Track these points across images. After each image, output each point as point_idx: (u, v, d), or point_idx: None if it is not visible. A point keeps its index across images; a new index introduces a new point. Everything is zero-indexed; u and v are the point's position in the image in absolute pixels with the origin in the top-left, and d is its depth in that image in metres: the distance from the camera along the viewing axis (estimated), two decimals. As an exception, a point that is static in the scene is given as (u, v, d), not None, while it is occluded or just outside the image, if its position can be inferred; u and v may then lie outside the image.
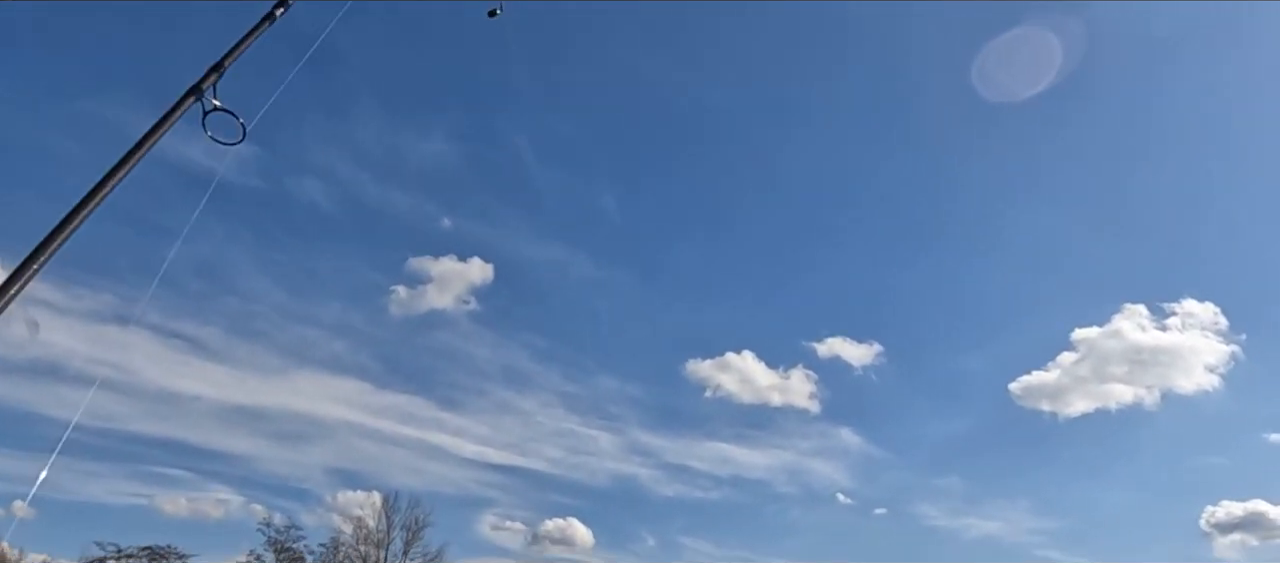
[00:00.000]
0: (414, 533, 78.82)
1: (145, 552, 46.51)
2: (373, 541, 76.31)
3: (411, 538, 78.86)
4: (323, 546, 68.85)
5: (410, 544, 78.68)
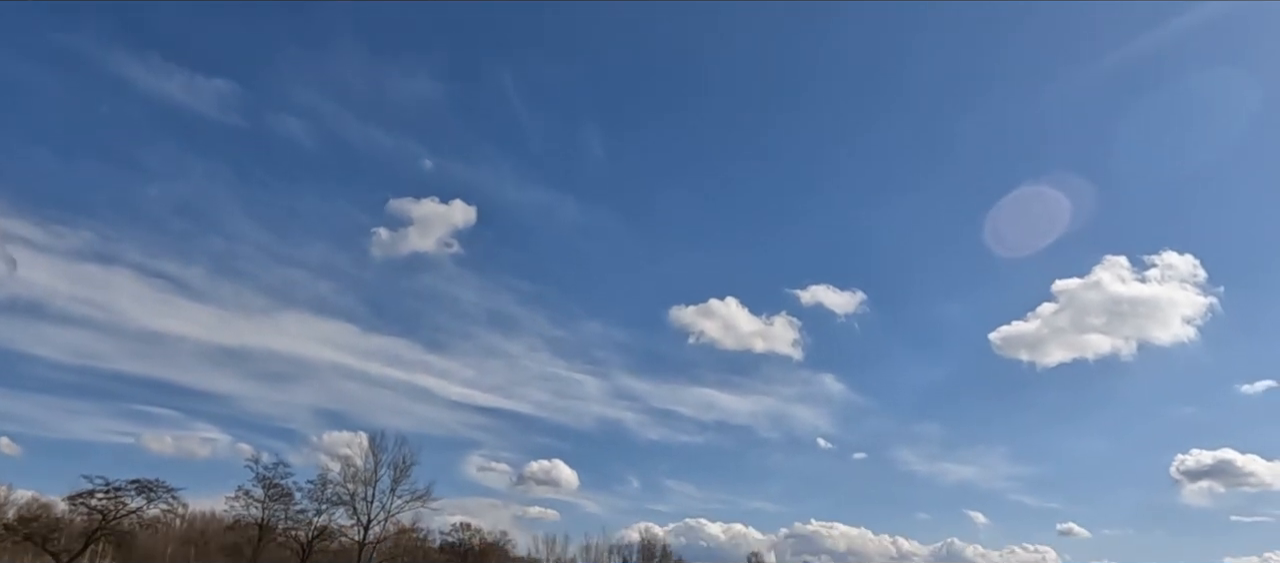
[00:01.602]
0: (402, 471, 79.27)
1: (134, 485, 46.77)
2: (360, 479, 76.73)
3: (399, 476, 79.27)
4: (310, 483, 69.35)
5: (398, 482, 79.14)
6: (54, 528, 47.76)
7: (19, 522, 51.02)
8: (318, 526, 69.11)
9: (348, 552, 75.75)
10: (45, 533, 46.65)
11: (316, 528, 68.84)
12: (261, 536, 62.66)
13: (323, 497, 70.73)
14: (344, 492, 75.28)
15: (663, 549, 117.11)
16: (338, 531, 73.57)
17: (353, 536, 76.29)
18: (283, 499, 64.69)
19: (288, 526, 66.49)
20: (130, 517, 47.07)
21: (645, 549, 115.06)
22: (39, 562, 48.45)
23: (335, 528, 72.81)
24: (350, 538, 76.01)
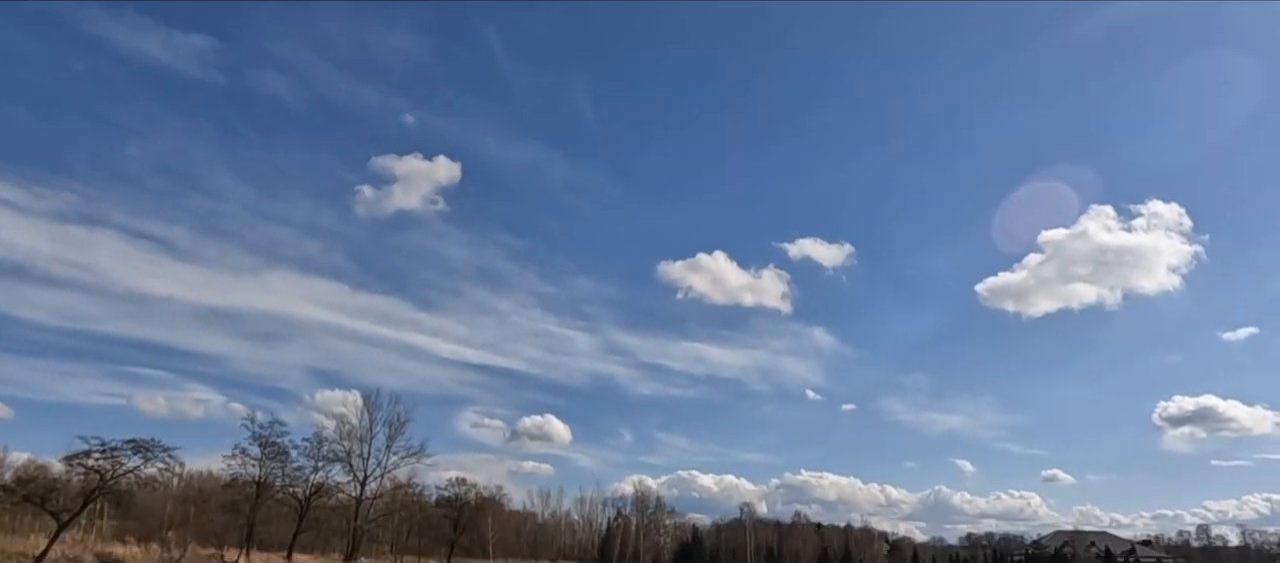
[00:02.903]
0: (396, 429, 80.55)
1: (129, 445, 47.01)
2: (356, 436, 77.80)
3: (394, 434, 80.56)
4: (306, 441, 70.14)
5: (393, 439, 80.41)
6: (52, 488, 48.05)
7: (17, 483, 51.35)
8: (315, 483, 69.87)
9: (345, 508, 76.73)
10: (43, 493, 46.94)
11: (314, 485, 69.59)
12: (259, 493, 63.27)
13: (319, 455, 71.43)
14: (340, 449, 76.10)
15: (656, 501, 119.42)
16: (335, 487, 74.45)
17: (350, 492, 77.30)
18: (279, 458, 65.23)
19: (285, 483, 67.15)
20: (128, 476, 47.34)
21: (639, 501, 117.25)
22: (38, 521, 48.77)
23: (332, 485, 73.69)
24: (347, 494, 76.97)
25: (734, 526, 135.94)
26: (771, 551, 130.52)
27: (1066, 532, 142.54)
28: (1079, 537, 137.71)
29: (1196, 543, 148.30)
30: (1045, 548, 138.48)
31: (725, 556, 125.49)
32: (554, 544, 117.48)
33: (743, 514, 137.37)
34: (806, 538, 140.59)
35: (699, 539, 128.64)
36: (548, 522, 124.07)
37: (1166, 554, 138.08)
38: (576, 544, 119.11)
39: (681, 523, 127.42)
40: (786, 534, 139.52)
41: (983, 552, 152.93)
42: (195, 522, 62.84)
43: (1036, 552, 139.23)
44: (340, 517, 76.60)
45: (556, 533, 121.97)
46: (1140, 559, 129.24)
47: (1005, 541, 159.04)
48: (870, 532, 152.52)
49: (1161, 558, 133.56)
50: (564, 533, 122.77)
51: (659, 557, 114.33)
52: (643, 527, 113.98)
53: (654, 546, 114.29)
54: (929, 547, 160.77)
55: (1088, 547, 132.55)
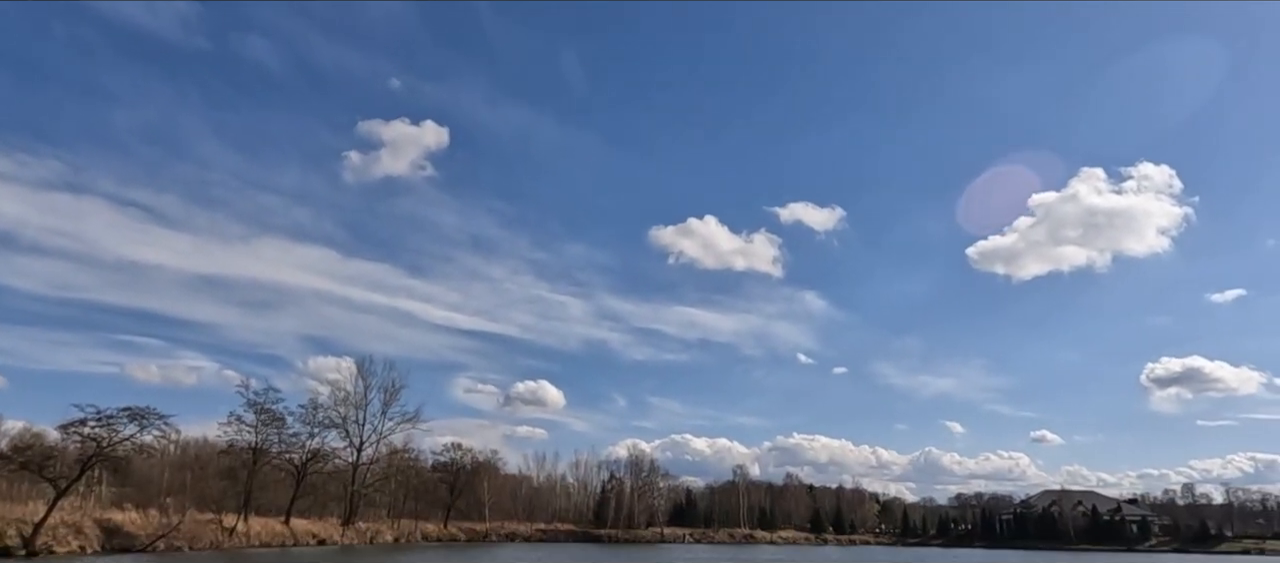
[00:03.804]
0: (391, 395, 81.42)
1: (125, 412, 47.22)
2: (351, 402, 78.54)
3: (389, 400, 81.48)
4: (301, 407, 70.77)
5: (388, 405, 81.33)
6: (49, 456, 48.30)
7: (14, 450, 51.59)
8: (311, 448, 70.46)
9: (342, 473, 77.45)
10: (41, 461, 47.19)
11: (310, 451, 70.17)
12: (256, 459, 63.74)
13: (314, 421, 71.97)
14: (335, 416, 76.67)
15: (650, 464, 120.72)
16: (331, 453, 75.12)
17: (346, 458, 78.02)
18: (275, 424, 65.64)
19: (281, 449, 67.67)
20: (124, 443, 47.59)
21: (633, 465, 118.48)
22: (36, 489, 49.11)
23: (328, 451, 74.37)
24: (343, 460, 77.70)
25: (727, 488, 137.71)
26: (764, 512, 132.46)
27: (1054, 492, 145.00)
28: (1066, 496, 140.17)
29: (1181, 502, 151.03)
30: (1033, 507, 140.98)
31: (719, 517, 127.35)
32: (549, 507, 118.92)
33: (736, 477, 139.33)
34: (798, 499, 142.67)
35: (693, 501, 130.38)
36: (543, 485, 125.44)
37: (1151, 513, 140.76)
38: (572, 507, 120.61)
39: (675, 486, 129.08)
40: (779, 496, 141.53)
41: (971, 512, 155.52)
42: (193, 488, 63.34)
43: (1024, 511, 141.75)
44: (337, 482, 77.33)
45: (552, 496, 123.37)
46: (1126, 518, 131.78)
47: (994, 500, 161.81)
48: (861, 493, 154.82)
49: (1146, 516, 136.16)
50: (559, 496, 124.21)
51: (653, 519, 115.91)
52: (637, 489, 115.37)
53: (648, 508, 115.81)
54: (919, 507, 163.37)
55: (1074, 506, 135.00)
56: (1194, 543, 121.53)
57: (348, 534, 70.93)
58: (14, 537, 41.36)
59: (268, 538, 60.66)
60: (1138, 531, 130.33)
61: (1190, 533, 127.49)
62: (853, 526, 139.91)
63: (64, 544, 43.69)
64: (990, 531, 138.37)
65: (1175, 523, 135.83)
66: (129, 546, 47.46)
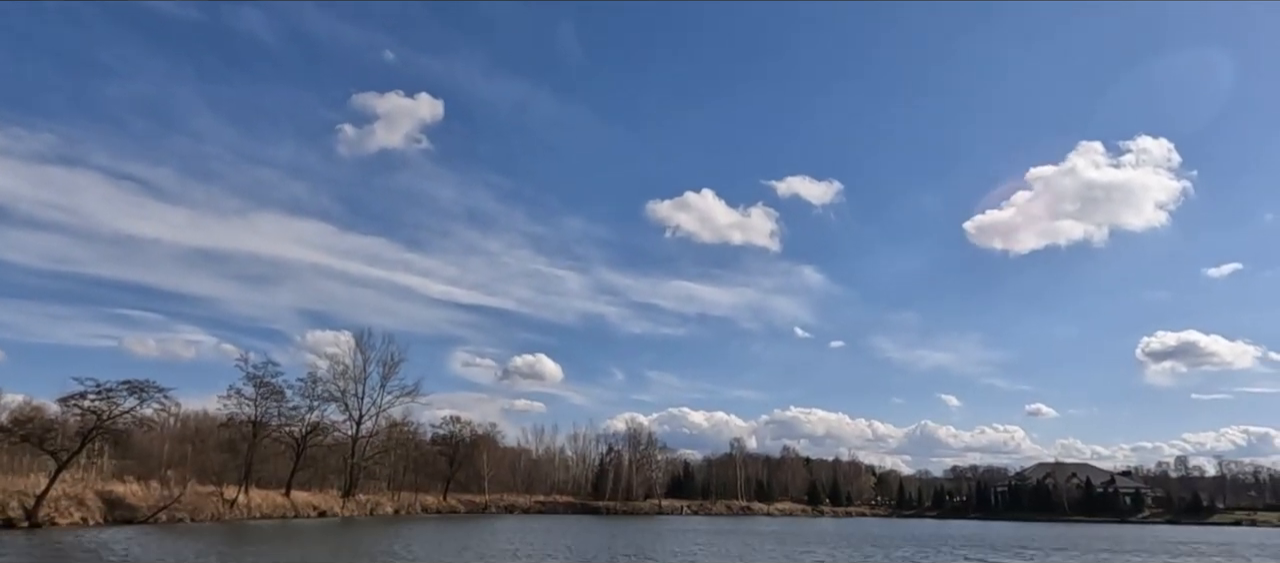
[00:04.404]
0: (390, 368, 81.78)
1: (124, 386, 47.34)
2: (350, 376, 78.85)
3: (388, 373, 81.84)
4: (301, 381, 71.05)
5: (387, 379, 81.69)
6: (49, 428, 48.49)
7: (14, 423, 51.75)
8: (310, 422, 70.78)
9: (342, 446, 77.93)
10: (41, 433, 47.38)
11: (309, 424, 70.50)
12: (256, 432, 64.08)
13: (314, 394, 72.27)
14: (334, 389, 76.95)
15: (648, 437, 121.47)
16: (330, 426, 75.53)
17: (345, 431, 78.42)
18: (274, 397, 65.96)
19: (281, 422, 68.00)
20: (125, 416, 47.76)
21: (631, 438, 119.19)
22: (36, 462, 49.35)
23: (328, 424, 74.76)
24: (343, 433, 78.13)
25: (724, 460, 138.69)
26: (761, 484, 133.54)
27: (1048, 464, 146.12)
28: (1060, 469, 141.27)
29: (1175, 474, 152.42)
30: (1027, 480, 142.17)
31: (716, 489, 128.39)
32: (548, 480, 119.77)
33: (733, 449, 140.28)
34: (795, 472, 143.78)
35: (690, 474, 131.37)
36: (542, 458, 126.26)
37: (1145, 485, 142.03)
38: (570, 480, 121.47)
39: (673, 459, 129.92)
40: (776, 468, 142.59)
41: (967, 484, 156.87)
42: (194, 461, 63.71)
43: (1019, 484, 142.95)
44: (337, 455, 77.82)
45: (550, 469, 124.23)
46: (1119, 490, 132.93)
47: (989, 473, 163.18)
48: (857, 465, 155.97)
49: (1140, 488, 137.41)
50: (558, 469, 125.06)
51: (651, 491, 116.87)
52: (635, 462, 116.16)
53: (646, 480, 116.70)
54: (914, 480, 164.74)
55: (1068, 478, 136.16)
56: (1186, 515, 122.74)
57: (348, 506, 71.54)
58: (16, 509, 41.67)
59: (269, 510, 61.19)
60: (1131, 502, 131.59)
61: (1183, 505, 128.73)
62: (849, 498, 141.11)
63: (66, 516, 44.01)
64: (985, 502, 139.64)
65: (1168, 495, 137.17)
66: (131, 517, 47.79)
